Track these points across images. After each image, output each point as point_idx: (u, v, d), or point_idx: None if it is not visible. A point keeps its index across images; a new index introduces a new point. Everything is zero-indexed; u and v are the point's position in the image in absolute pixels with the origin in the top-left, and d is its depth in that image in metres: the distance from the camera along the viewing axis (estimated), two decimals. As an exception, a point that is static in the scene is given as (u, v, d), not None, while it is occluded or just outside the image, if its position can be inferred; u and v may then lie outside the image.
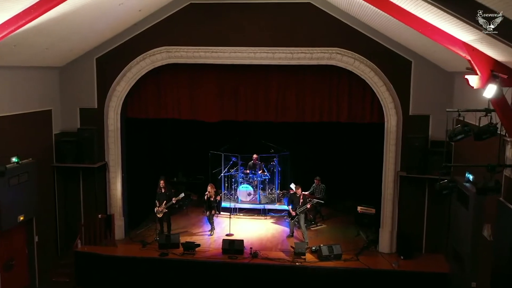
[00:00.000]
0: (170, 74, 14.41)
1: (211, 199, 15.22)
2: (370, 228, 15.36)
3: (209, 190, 15.27)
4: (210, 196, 15.22)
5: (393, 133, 13.43)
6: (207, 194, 15.22)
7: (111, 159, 14.38)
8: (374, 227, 15.21)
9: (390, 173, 13.59)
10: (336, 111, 14.12)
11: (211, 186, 15.42)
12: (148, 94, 14.59)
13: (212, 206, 15.29)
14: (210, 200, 15.22)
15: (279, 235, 15.36)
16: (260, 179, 17.58)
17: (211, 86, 14.36)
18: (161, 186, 14.83)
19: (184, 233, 15.31)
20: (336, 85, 14.00)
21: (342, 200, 18.10)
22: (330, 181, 17.13)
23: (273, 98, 14.28)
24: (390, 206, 13.71)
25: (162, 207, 14.71)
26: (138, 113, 14.76)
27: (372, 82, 13.32)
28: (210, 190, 15.27)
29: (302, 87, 14.15)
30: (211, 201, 15.22)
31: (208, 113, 14.56)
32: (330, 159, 18.33)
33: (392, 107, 13.33)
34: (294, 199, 14.81)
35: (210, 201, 15.22)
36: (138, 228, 15.68)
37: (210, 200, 15.22)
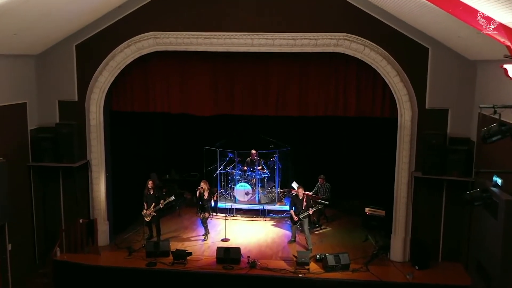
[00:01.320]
0: (159, 63, 12.99)
1: (204, 197, 13.84)
2: (379, 231, 14.04)
3: (202, 185, 13.89)
4: (202, 193, 13.83)
5: (407, 129, 12.03)
6: (200, 189, 13.85)
7: (93, 157, 12.97)
8: (383, 230, 13.93)
9: (404, 174, 12.21)
10: (343, 104, 12.72)
11: (204, 182, 14.06)
12: (134, 85, 13.17)
13: (206, 207, 13.90)
14: (202, 198, 13.84)
15: (279, 240, 13.99)
16: (259, 177, 16.20)
17: (204, 76, 12.95)
18: (149, 187, 13.46)
19: (175, 238, 13.97)
20: (344, 75, 12.59)
21: (348, 200, 16.82)
22: (336, 180, 15.81)
23: (273, 90, 12.87)
24: (403, 211, 12.34)
25: (150, 210, 13.36)
26: (123, 106, 13.34)
27: (384, 71, 11.90)
28: (203, 185, 13.90)
29: (305, 77, 12.75)
30: (204, 199, 13.85)
31: (200, 106, 13.14)
32: (336, 156, 17.05)
33: (407, 100, 11.91)
34: (296, 202, 13.43)
35: (202, 198, 13.84)
36: (125, 232, 14.31)
37: (202, 197, 13.84)
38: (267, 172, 16.37)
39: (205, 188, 13.90)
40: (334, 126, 15.91)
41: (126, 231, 14.37)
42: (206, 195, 13.88)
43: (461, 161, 11.53)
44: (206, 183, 14.05)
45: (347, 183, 16.61)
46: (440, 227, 12.30)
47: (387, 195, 13.98)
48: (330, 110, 12.81)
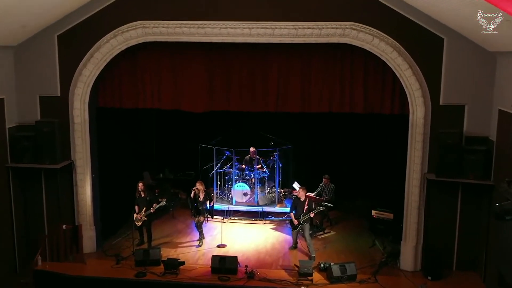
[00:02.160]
0: (149, 55, 11.94)
1: (199, 199, 12.84)
2: (387, 236, 13.09)
3: (197, 186, 12.89)
4: (197, 194, 12.83)
5: (420, 127, 11.00)
6: (194, 190, 12.84)
7: (78, 157, 11.94)
8: (391, 235, 12.98)
9: (416, 176, 11.20)
10: (349, 100, 11.68)
11: (200, 183, 13.04)
12: (122, 79, 12.12)
13: (201, 210, 12.90)
14: (197, 200, 12.84)
15: (280, 246, 12.99)
16: (258, 176, 15.19)
17: (198, 69, 11.90)
18: (139, 190, 12.45)
19: (167, 243, 12.99)
20: (350, 68, 11.54)
21: (353, 200, 15.86)
22: (340, 180, 14.85)
23: (273, 84, 11.82)
24: (415, 216, 11.34)
25: (141, 215, 12.37)
26: (111, 102, 12.29)
27: (395, 64, 10.86)
28: (199, 186, 12.88)
29: (308, 70, 11.69)
30: (199, 202, 12.84)
31: (194, 102, 12.10)
32: (341, 155, 16.08)
33: (419, 95, 10.88)
34: (297, 205, 12.43)
35: (197, 200, 12.84)
36: (114, 237, 13.34)
37: (197, 199, 12.83)
38: (267, 172, 15.36)
39: (200, 189, 12.91)
40: (338, 122, 14.88)
41: (115, 236, 13.41)
42: (201, 197, 12.89)
43: (478, 163, 10.53)
44: (201, 184, 13.05)
45: (352, 183, 15.69)
46: (455, 234, 11.30)
47: (395, 197, 13.18)
48: (335, 106, 11.78)
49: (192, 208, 13.02)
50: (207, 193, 13.20)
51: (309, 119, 14.33)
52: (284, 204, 15.21)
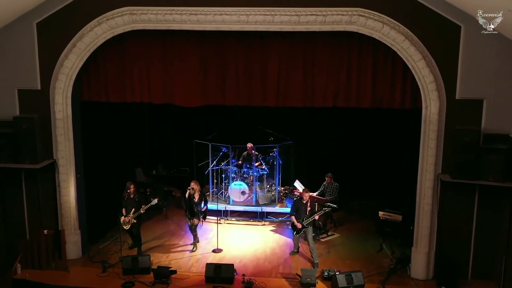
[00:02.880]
0: (137, 45, 10.94)
1: (194, 200, 11.90)
2: (395, 239, 12.17)
3: (192, 186, 11.94)
4: (192, 194, 11.89)
5: (434, 123, 10.04)
6: (189, 190, 11.90)
7: (60, 156, 10.99)
8: (400, 238, 12.08)
9: (429, 177, 10.26)
10: (356, 94, 10.68)
11: (195, 182, 12.09)
12: (108, 71, 11.13)
13: (196, 211, 11.97)
14: (192, 201, 11.90)
15: (280, 250, 12.07)
16: (256, 174, 14.25)
17: (191, 60, 10.89)
18: (128, 190, 11.50)
19: (159, 247, 12.11)
20: (357, 59, 10.52)
21: (358, 199, 15.00)
22: (345, 178, 13.99)
23: (273, 77, 10.82)
24: (427, 220, 10.42)
25: (129, 217, 11.44)
26: (96, 95, 11.30)
27: (407, 54, 9.88)
28: (194, 186, 11.94)
29: (311, 61, 10.68)
30: (193, 202, 11.91)
31: (186, 96, 11.11)
32: (345, 151, 15.11)
33: (433, 88, 9.90)
34: (299, 207, 11.49)
35: (192, 201, 11.90)
36: (103, 241, 12.42)
37: (192, 200, 11.90)
38: (266, 169, 14.41)
39: (196, 189, 11.97)
40: (343, 117, 13.92)
41: (103, 240, 12.50)
42: (196, 198, 11.95)
43: (499, 163, 9.58)
44: (197, 183, 12.11)
45: (357, 181, 14.82)
46: (471, 240, 10.37)
47: (404, 197, 12.48)
48: (340, 101, 10.80)
49: (187, 209, 12.09)
50: (202, 193, 12.25)
51: (312, 113, 13.30)
52: (285, 203, 14.28)
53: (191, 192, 11.89)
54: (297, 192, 13.55)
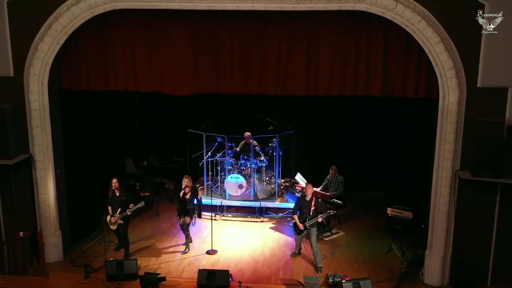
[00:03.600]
0: (121, 27, 9.82)
1: (186, 197, 10.88)
2: (405, 238, 11.19)
3: (185, 182, 10.91)
4: (185, 194, 10.88)
5: (452, 115, 8.97)
6: (184, 189, 10.88)
7: (37, 150, 9.94)
8: (410, 236, 11.09)
9: (445, 174, 9.22)
10: (365, 81, 9.58)
11: (188, 178, 11.05)
12: (89, 56, 10.02)
13: (188, 209, 10.96)
14: (184, 199, 10.89)
15: (280, 252, 11.08)
16: (255, 166, 13.21)
17: (181, 44, 9.77)
18: (113, 187, 10.47)
19: (148, 249, 11.14)
20: (366, 42, 9.40)
21: (364, 191, 14.01)
22: (350, 169, 13.03)
23: (272, 62, 9.71)
24: (443, 221, 9.41)
25: (115, 217, 10.43)
26: (76, 83, 10.21)
27: (423, 37, 8.76)
28: (188, 182, 10.91)
29: (315, 45, 9.56)
30: (186, 200, 10.89)
31: (176, 83, 10.00)
32: (351, 141, 13.99)
33: (452, 75, 8.81)
34: (303, 205, 10.46)
35: (184, 199, 10.88)
36: (87, 241, 11.43)
37: (184, 198, 10.88)
38: (265, 161, 13.37)
39: (189, 185, 10.95)
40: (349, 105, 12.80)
41: (88, 239, 11.50)
42: (188, 195, 10.93)
43: (525, 159, 8.55)
44: (190, 179, 11.08)
45: (363, 173, 13.80)
46: (491, 243, 9.33)
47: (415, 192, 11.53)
48: (347, 88, 9.70)
49: (179, 207, 11.04)
50: (194, 189, 11.22)
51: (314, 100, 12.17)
52: (285, 198, 13.25)
53: (186, 191, 10.87)
54: (298, 187, 12.52)
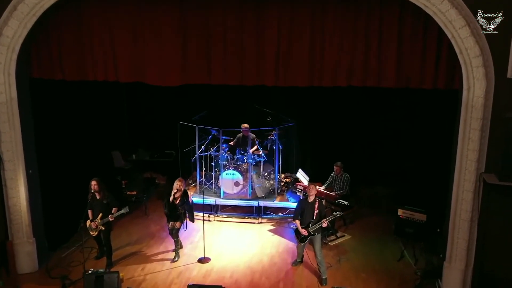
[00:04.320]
0: (98, 9, 8.62)
1: (176, 202, 9.75)
2: (418, 242, 10.08)
3: (178, 186, 9.75)
4: (175, 198, 9.74)
5: (478, 110, 7.80)
6: (174, 192, 9.72)
7: (5, 148, 8.78)
8: (423, 241, 10.03)
9: (468, 177, 8.08)
10: (377, 70, 8.38)
11: (181, 182, 9.87)
12: (63, 42, 8.82)
13: (178, 214, 9.83)
14: (174, 204, 9.76)
15: (280, 259, 9.98)
16: (252, 161, 12.06)
17: (167, 29, 8.56)
18: (92, 190, 9.32)
19: (134, 256, 10.07)
20: (378, 26, 8.18)
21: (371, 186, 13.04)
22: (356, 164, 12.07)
23: (271, 49, 8.50)
24: (465, 230, 8.29)
25: (96, 223, 9.32)
26: (49, 72, 9.02)
27: (445, 19, 7.56)
28: (180, 186, 9.76)
29: (320, 29, 8.34)
30: (175, 205, 9.76)
31: (162, 74, 8.81)
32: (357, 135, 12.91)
33: (479, 64, 7.62)
34: (305, 208, 9.32)
35: (174, 204, 9.75)
36: (67, 247, 10.33)
37: (174, 203, 9.75)
38: (264, 155, 12.23)
39: (180, 189, 9.78)
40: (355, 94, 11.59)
41: (67, 245, 10.40)
42: (178, 200, 9.77)
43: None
44: (183, 182, 9.91)
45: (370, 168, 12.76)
46: (519, 255, 8.25)
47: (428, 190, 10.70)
48: (356, 79, 8.51)
49: (168, 212, 9.89)
50: (185, 193, 10.05)
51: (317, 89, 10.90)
52: (285, 197, 12.11)
53: (176, 195, 9.73)
54: (300, 185, 11.37)
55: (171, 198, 9.69)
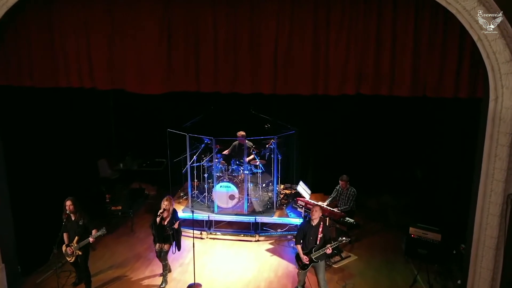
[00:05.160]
0: (72, 8, 7.57)
1: (164, 223, 8.72)
2: (431, 264, 9.07)
3: (165, 205, 8.70)
4: (163, 219, 8.71)
5: (507, 123, 6.79)
6: (161, 213, 8.67)
7: (-33, 164, 7.78)
8: (437, 263, 9.09)
9: (494, 199, 7.08)
10: (390, 77, 7.33)
11: (168, 201, 8.82)
12: (32, 44, 7.77)
13: (166, 235, 8.80)
14: (162, 225, 8.72)
15: (279, 285, 8.96)
16: (249, 172, 11.04)
17: (149, 28, 7.51)
18: (67, 211, 8.27)
19: (116, 281, 9.05)
20: (391, 26, 7.14)
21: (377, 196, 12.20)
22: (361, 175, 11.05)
23: (268, 52, 7.45)
24: (489, 259, 7.29)
25: (72, 248, 8.28)
26: (16, 78, 7.96)
27: (470, 19, 6.55)
28: (167, 205, 8.71)
29: (324, 29, 7.29)
30: (163, 226, 8.72)
31: (143, 80, 7.75)
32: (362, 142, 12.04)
33: (509, 70, 6.62)
34: (307, 231, 8.27)
35: (162, 225, 8.71)
36: (44, 270, 9.29)
37: (162, 224, 8.72)
38: (261, 166, 11.20)
39: (168, 209, 8.74)
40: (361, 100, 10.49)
41: (45, 267, 9.36)
42: (166, 221, 8.73)
43: None
44: (171, 201, 8.86)
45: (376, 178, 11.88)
46: (551, 286, 7.25)
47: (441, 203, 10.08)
48: (365, 86, 7.45)
49: (156, 233, 8.85)
50: (174, 211, 9.00)
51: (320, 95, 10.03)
52: (285, 212, 11.07)
53: (164, 215, 8.69)
54: (301, 201, 10.33)
55: (158, 219, 8.66)
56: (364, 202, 11.50)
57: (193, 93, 8.42)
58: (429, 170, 10.99)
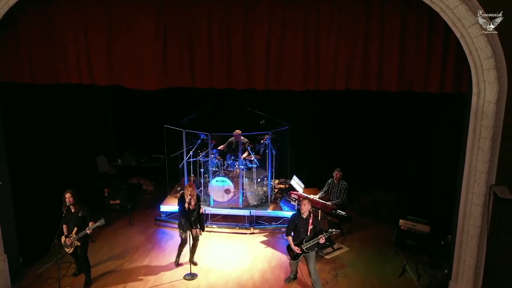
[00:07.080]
0: (71, 7, 7.84)
1: (190, 207, 9.03)
2: (420, 255, 9.37)
3: (189, 192, 9.04)
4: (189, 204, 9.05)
5: (489, 117, 7.10)
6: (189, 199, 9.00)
7: (-30, 158, 8.06)
8: (426, 254, 9.40)
9: (477, 190, 7.39)
10: (378, 72, 7.62)
11: (192, 187, 9.16)
12: (32, 43, 8.04)
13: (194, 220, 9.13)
14: (190, 210, 9.04)
15: (272, 275, 9.24)
16: (244, 168, 11.33)
17: (145, 26, 7.79)
18: (67, 203, 8.54)
19: (115, 272, 9.31)
20: (379, 24, 7.44)
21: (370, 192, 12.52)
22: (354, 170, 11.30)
23: (261, 49, 7.74)
24: (473, 247, 7.61)
25: (70, 239, 8.56)
26: (17, 75, 8.23)
27: (454, 16, 6.87)
28: (191, 191, 9.06)
29: (315, 26, 7.58)
30: (190, 211, 9.05)
31: (140, 76, 8.04)
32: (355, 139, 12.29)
33: (490, 66, 6.92)
34: (298, 223, 8.56)
35: (190, 211, 9.05)
36: (45, 260, 9.57)
37: (190, 209, 9.04)
38: (256, 161, 11.49)
39: (193, 194, 9.10)
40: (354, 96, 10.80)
41: (46, 258, 9.65)
42: (193, 204, 9.08)
43: None
44: (193, 187, 9.21)
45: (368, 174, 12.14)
46: (533, 275, 7.55)
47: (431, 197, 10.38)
48: (355, 81, 7.75)
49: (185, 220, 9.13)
50: (198, 197, 9.34)
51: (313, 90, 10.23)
52: (279, 205, 11.37)
53: (189, 200, 9.00)
54: (294, 195, 10.64)
55: (186, 205, 8.96)
56: (357, 197, 11.84)
57: (189, 90, 8.74)
58: (422, 166, 11.24)
